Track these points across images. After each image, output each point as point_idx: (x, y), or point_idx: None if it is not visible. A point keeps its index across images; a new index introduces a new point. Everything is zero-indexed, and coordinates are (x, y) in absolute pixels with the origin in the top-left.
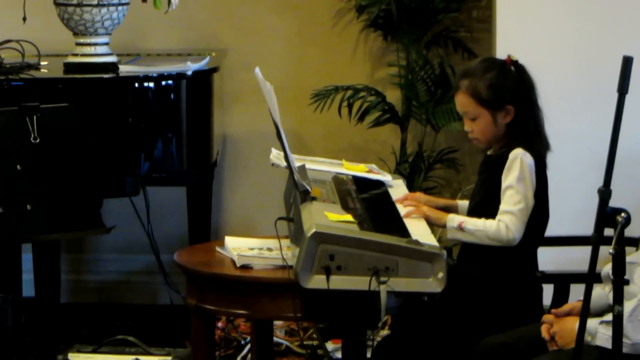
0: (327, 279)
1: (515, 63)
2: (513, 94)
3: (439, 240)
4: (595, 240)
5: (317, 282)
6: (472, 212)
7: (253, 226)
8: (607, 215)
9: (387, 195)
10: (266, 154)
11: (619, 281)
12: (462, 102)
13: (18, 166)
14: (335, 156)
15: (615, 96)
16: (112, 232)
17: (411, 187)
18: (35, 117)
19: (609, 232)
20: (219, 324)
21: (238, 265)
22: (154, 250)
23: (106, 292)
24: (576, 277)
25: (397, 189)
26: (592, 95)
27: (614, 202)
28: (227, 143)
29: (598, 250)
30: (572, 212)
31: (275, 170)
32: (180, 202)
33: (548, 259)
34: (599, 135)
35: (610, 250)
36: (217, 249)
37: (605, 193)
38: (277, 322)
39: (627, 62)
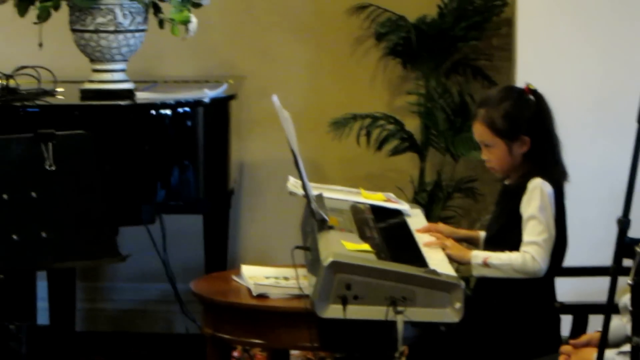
0: (344, 309)
1: (534, 92)
2: (529, 124)
3: (456, 271)
4: (613, 271)
5: (334, 311)
6: (489, 242)
7: (270, 255)
8: (626, 245)
9: (405, 224)
10: (284, 182)
11: (638, 312)
12: (479, 131)
13: (33, 193)
14: (354, 185)
15: (634, 126)
16: (127, 261)
17: (430, 217)
18: (50, 144)
19: (628, 262)
20: (235, 354)
21: (254, 294)
22: (170, 279)
23: (122, 321)
24: (595, 308)
25: (415, 218)
26: (612, 125)
27: (633, 233)
28: (245, 171)
29: (616, 281)
30: (591, 243)
31: (292, 199)
32: (197, 230)
33: (567, 289)
34: (618, 165)
35: (629, 281)
36: (234, 277)
37: (624, 223)
38: (294, 352)
39: None
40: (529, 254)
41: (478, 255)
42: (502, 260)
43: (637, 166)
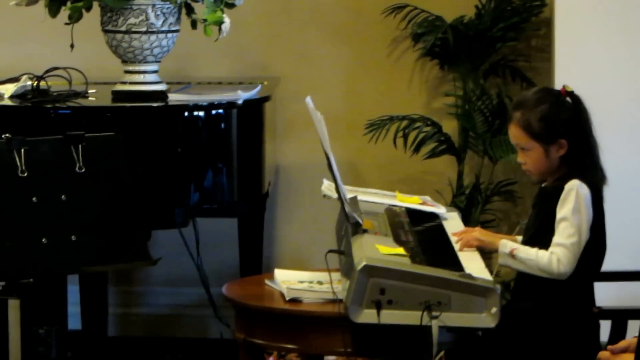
0: (378, 314)
1: (571, 94)
2: (566, 127)
3: (496, 275)
4: None
5: (368, 316)
6: (527, 244)
7: (306, 258)
8: None
9: (441, 228)
10: (320, 185)
11: None
12: (515, 134)
13: (63, 196)
14: (391, 187)
15: None
16: (162, 265)
17: (468, 220)
18: (80, 146)
19: None
20: (271, 359)
21: (287, 299)
22: (204, 283)
23: (155, 326)
24: (634, 313)
25: (452, 221)
26: None
27: None
28: (280, 173)
29: None
30: (631, 247)
31: (329, 202)
32: (232, 233)
33: (606, 294)
34: None
35: None
36: (267, 282)
37: None
38: (330, 358)
39: None
40: (555, 256)
41: (507, 244)
42: (529, 255)
43: None
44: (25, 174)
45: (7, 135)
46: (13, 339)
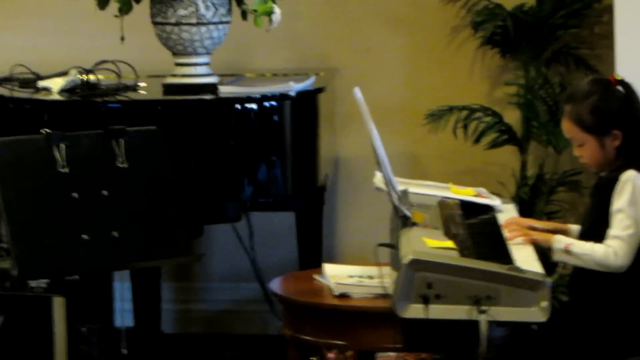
0: (426, 308)
1: (621, 82)
2: (619, 117)
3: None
4: None
5: (415, 311)
6: (583, 236)
7: (366, 251)
8: None
9: (494, 220)
10: None
11: None
12: (567, 128)
13: (104, 191)
14: (452, 179)
15: None
16: (220, 260)
17: (533, 212)
18: (122, 140)
19: None
20: (330, 355)
21: (336, 294)
22: (258, 278)
23: (214, 322)
24: None
25: (507, 213)
26: None
27: None
28: (340, 166)
29: None
30: None
31: (387, 194)
32: (291, 227)
33: None
34: None
35: None
36: (315, 276)
37: None
38: (390, 353)
39: None
40: (612, 249)
41: (561, 240)
42: (584, 250)
43: None
44: (66, 169)
45: (47, 130)
46: (58, 337)
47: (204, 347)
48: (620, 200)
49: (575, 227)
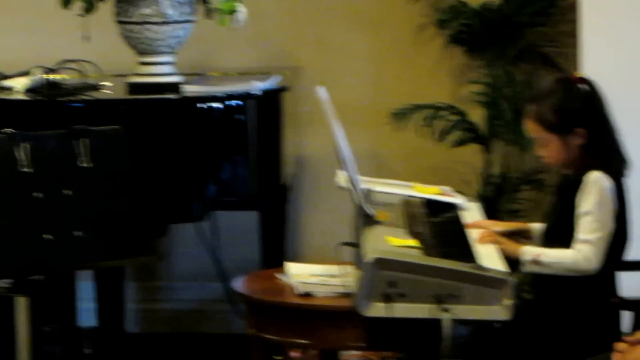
0: (389, 307)
1: (583, 80)
2: (582, 115)
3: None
4: None
5: (378, 310)
6: (547, 236)
7: (329, 250)
8: None
9: (458, 219)
10: None
11: None
12: (531, 128)
13: (67, 191)
14: (417, 177)
15: None
16: (184, 259)
17: (497, 210)
18: (85, 140)
19: None
20: (294, 354)
21: (298, 293)
22: (221, 277)
23: (178, 321)
24: None
25: (471, 212)
26: None
27: None
28: (303, 165)
29: None
30: None
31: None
32: (255, 226)
33: (630, 283)
34: None
35: None
36: (278, 276)
37: None
38: (356, 352)
39: None
40: (582, 253)
41: (529, 252)
42: (553, 258)
43: None
44: (29, 169)
45: (9, 130)
46: (21, 337)
47: (168, 347)
48: (587, 203)
49: (536, 226)
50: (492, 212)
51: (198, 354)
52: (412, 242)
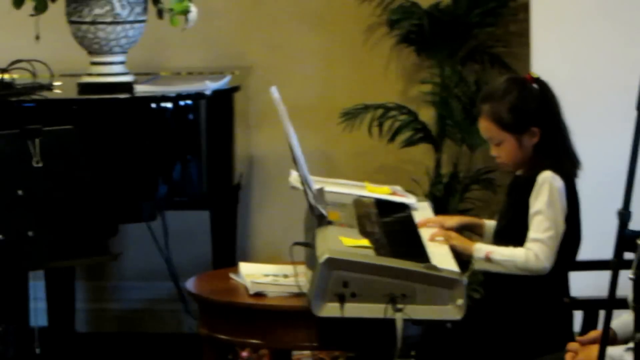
0: (341, 307)
1: (537, 80)
2: (537, 115)
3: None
4: (615, 265)
5: (331, 310)
6: (499, 235)
7: (281, 250)
8: (627, 238)
9: (409, 218)
10: None
11: None
12: (485, 127)
13: (19, 191)
14: (367, 177)
15: None
16: (135, 259)
17: (447, 210)
18: (37, 140)
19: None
20: (244, 354)
21: (251, 293)
22: (173, 277)
23: (128, 321)
24: (606, 303)
25: (422, 211)
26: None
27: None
28: (254, 164)
29: (618, 275)
30: (609, 235)
31: (302, 193)
32: (207, 226)
33: (584, 283)
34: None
35: (630, 275)
36: (231, 275)
37: (624, 215)
38: (305, 352)
39: None
40: (532, 252)
41: (481, 249)
42: (505, 256)
43: (637, 156)
44: None
45: None
46: None
47: (118, 346)
48: (538, 202)
49: (489, 223)
50: (442, 211)
51: (148, 353)
52: (364, 242)
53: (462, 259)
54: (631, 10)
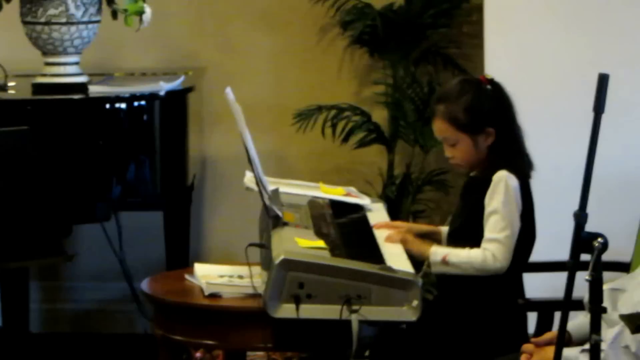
0: (297, 308)
1: (491, 81)
2: (492, 115)
3: (424, 276)
4: (571, 267)
5: (286, 311)
6: (453, 236)
7: (234, 251)
8: (583, 240)
9: (364, 219)
10: None
11: (597, 309)
12: (440, 128)
13: None
14: (320, 178)
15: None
16: (88, 259)
17: (399, 211)
18: None
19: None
20: (197, 354)
21: (206, 294)
22: (127, 278)
23: (81, 321)
24: (560, 305)
25: (377, 213)
26: (585, 115)
27: (594, 227)
28: (207, 165)
29: (574, 277)
30: (564, 236)
31: (256, 194)
32: (159, 226)
33: (537, 284)
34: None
35: (587, 277)
36: (187, 276)
37: (581, 217)
38: (259, 352)
39: (603, 80)
40: (489, 252)
41: (437, 252)
42: (462, 258)
43: (593, 157)
44: None
45: None
46: None
47: (72, 347)
48: (494, 202)
49: (446, 229)
50: (394, 212)
51: (102, 354)
52: (320, 243)
53: (418, 261)
54: (583, 12)
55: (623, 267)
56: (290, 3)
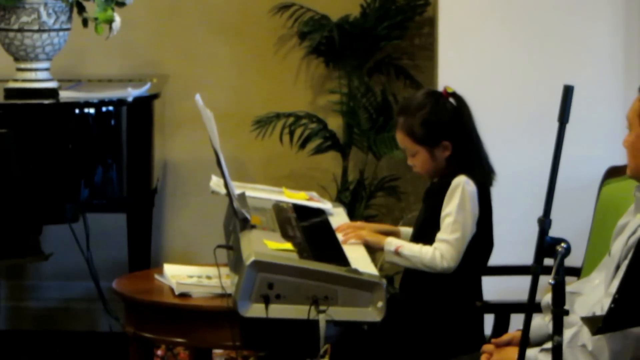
0: (266, 308)
1: (453, 94)
2: (449, 129)
3: (380, 269)
4: (535, 270)
5: (256, 310)
6: (415, 237)
7: (194, 253)
8: (547, 245)
9: (327, 223)
10: (208, 181)
11: (559, 311)
12: (400, 139)
13: None
14: (277, 183)
15: (556, 125)
16: (53, 259)
17: (353, 216)
18: None
19: (550, 262)
20: (159, 352)
21: (176, 293)
22: (93, 278)
23: (46, 319)
24: (516, 307)
25: (338, 217)
26: (535, 124)
27: (556, 232)
28: (169, 170)
29: (538, 280)
30: (517, 241)
31: (216, 198)
32: (122, 228)
33: (493, 287)
34: (546, 163)
35: (550, 281)
36: (156, 276)
37: (544, 223)
38: (217, 350)
39: (568, 91)
40: (439, 251)
41: (392, 242)
42: (413, 252)
43: (558, 165)
44: None
45: None
46: None
47: (36, 344)
48: (450, 205)
49: (405, 229)
50: (349, 217)
51: (66, 351)
52: (288, 245)
53: (374, 251)
54: (535, 23)
55: (574, 272)
56: (250, 14)
